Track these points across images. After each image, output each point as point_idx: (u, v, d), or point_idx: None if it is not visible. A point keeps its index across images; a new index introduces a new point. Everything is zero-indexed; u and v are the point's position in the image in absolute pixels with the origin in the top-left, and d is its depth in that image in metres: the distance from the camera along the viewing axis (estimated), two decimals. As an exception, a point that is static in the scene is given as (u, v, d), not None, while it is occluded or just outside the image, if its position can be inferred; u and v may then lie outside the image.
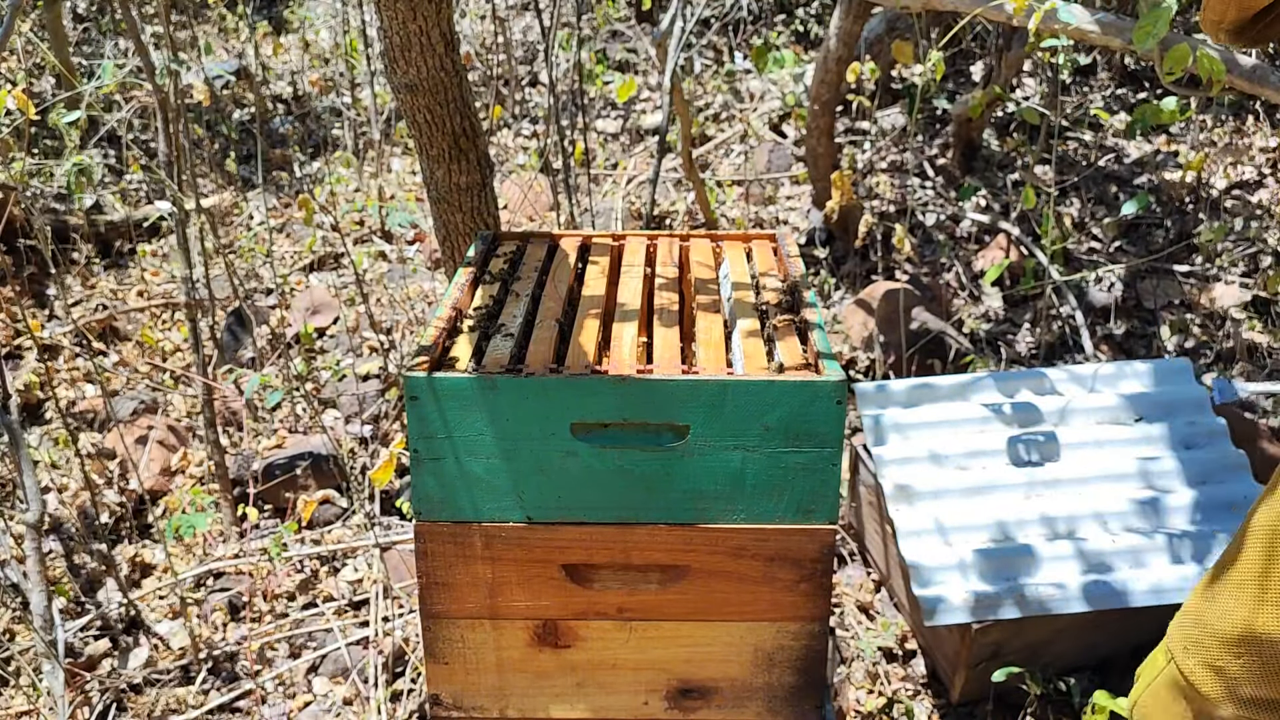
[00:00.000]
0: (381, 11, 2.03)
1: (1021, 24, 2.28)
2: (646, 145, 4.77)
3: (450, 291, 1.57)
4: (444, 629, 1.45)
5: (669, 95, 3.45)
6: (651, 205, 3.50)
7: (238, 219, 4.44)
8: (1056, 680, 2.19)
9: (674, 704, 1.49)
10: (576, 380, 1.32)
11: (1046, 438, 2.37)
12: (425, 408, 1.33)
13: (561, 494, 1.37)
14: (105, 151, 4.61)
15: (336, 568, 2.78)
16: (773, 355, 1.41)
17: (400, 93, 2.13)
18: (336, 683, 2.44)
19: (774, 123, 4.80)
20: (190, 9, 5.68)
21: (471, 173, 2.24)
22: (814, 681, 1.47)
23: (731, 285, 1.64)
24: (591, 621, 1.44)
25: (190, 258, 2.78)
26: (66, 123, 3.43)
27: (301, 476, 2.99)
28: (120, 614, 2.62)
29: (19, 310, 3.48)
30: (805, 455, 1.34)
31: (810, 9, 5.45)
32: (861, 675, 2.40)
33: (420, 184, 4.32)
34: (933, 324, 3.32)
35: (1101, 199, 4.03)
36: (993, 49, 4.08)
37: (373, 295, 3.83)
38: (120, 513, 2.96)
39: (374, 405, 3.28)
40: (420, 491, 1.37)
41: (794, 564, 1.39)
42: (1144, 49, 1.93)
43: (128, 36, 5.44)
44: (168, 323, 3.85)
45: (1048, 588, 2.12)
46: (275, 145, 4.96)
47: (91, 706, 2.36)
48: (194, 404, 3.40)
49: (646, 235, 1.84)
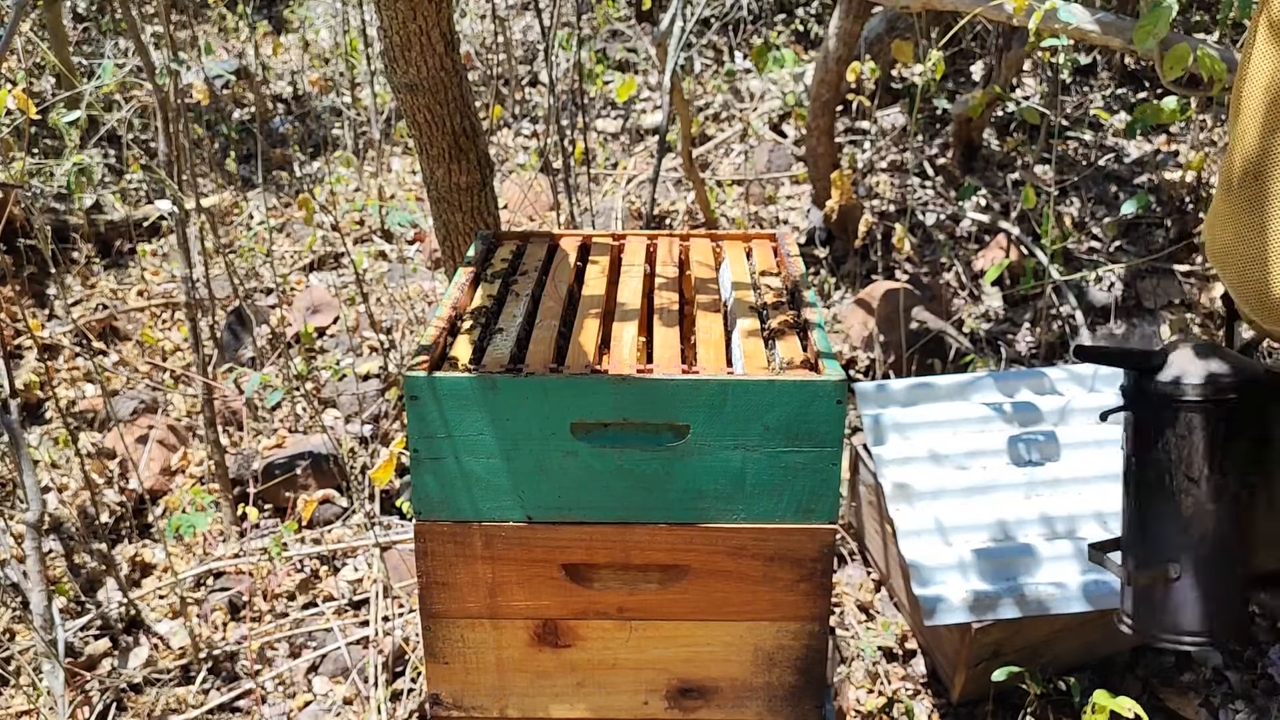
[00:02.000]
0: (381, 11, 2.03)
1: (1021, 24, 2.28)
2: (646, 145, 4.77)
3: (450, 291, 1.57)
4: (444, 629, 1.45)
5: (669, 95, 3.45)
6: (651, 205, 3.50)
7: (238, 219, 4.44)
8: (1056, 680, 2.19)
9: (674, 704, 1.49)
10: (576, 380, 1.32)
11: (1046, 437, 2.37)
12: (425, 407, 1.33)
13: (561, 494, 1.37)
14: (105, 151, 4.61)
15: (336, 567, 2.78)
16: (773, 355, 1.41)
17: (400, 93, 2.13)
18: (336, 682, 2.44)
19: (774, 123, 4.80)
20: (190, 9, 5.68)
21: (471, 173, 2.24)
22: (814, 681, 1.47)
23: (731, 285, 1.64)
24: (591, 621, 1.44)
25: (190, 257, 2.78)
26: (66, 122, 3.43)
27: (301, 476, 2.99)
28: (120, 614, 2.62)
29: (19, 310, 3.48)
30: (805, 455, 1.34)
31: (810, 9, 5.45)
32: (861, 675, 2.40)
33: (420, 184, 4.32)
34: (933, 324, 3.32)
35: (1101, 199, 4.03)
36: (993, 49, 4.08)
37: (373, 295, 3.83)
38: (120, 512, 2.96)
39: (374, 405, 3.28)
40: (420, 491, 1.37)
41: (794, 563, 1.39)
42: (1144, 49, 1.93)
43: (128, 36, 5.44)
44: (168, 322, 3.85)
45: (1048, 588, 2.12)
46: (275, 145, 4.96)
47: (91, 706, 2.36)
48: (194, 404, 3.40)
49: (646, 235, 1.84)
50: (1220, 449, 1.28)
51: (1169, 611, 1.34)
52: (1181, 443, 1.29)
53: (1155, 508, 1.33)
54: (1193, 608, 1.33)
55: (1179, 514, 1.31)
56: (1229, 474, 1.29)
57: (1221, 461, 1.29)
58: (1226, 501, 1.29)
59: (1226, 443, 1.28)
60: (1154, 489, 1.32)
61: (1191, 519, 1.31)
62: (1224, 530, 1.30)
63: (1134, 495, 1.36)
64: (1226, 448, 1.29)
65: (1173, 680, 2.36)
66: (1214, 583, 1.32)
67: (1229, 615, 1.34)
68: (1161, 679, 2.36)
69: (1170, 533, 1.32)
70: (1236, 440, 1.29)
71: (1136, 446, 1.34)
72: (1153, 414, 1.31)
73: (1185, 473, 1.30)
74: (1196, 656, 2.41)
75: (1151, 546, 1.35)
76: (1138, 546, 1.37)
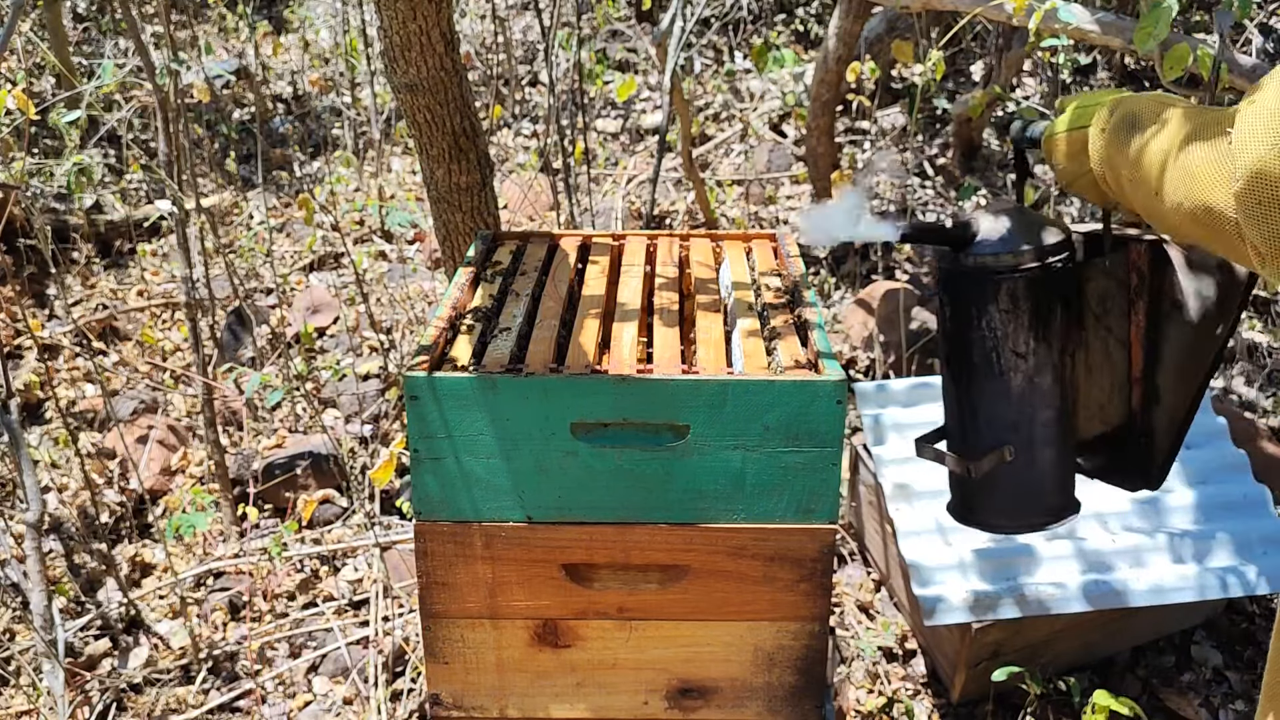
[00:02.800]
0: (381, 11, 2.03)
1: (1021, 23, 2.28)
2: (646, 145, 4.77)
3: (450, 291, 1.57)
4: (444, 629, 1.45)
5: (669, 95, 3.45)
6: (651, 205, 3.50)
7: (238, 219, 4.44)
8: (1056, 680, 2.19)
9: (674, 704, 1.49)
10: (576, 380, 1.32)
11: (1046, 437, 2.37)
12: (425, 407, 1.33)
13: (561, 494, 1.37)
14: (105, 151, 4.61)
15: (336, 567, 2.78)
16: (773, 355, 1.41)
17: (400, 93, 2.13)
18: (336, 682, 2.44)
19: (774, 123, 4.80)
20: (190, 9, 5.68)
21: (471, 173, 2.24)
22: (814, 681, 1.47)
23: (731, 285, 1.64)
24: (591, 621, 1.44)
25: (190, 257, 2.78)
26: (66, 122, 3.43)
27: (301, 476, 2.99)
28: (120, 614, 2.62)
29: (19, 310, 3.48)
30: (805, 455, 1.34)
31: (810, 9, 5.45)
32: (861, 675, 2.40)
33: (420, 184, 4.32)
34: (933, 324, 3.33)
35: (1101, 199, 4.03)
36: (993, 49, 4.08)
37: (373, 295, 3.83)
38: (120, 512, 2.96)
39: (374, 405, 3.28)
40: (420, 491, 1.37)
41: (794, 563, 1.39)
42: (1144, 49, 1.93)
43: (128, 36, 5.44)
44: (168, 322, 3.85)
45: (1048, 588, 2.12)
46: (275, 145, 4.96)
47: (91, 706, 2.37)
48: (194, 404, 3.40)
49: (646, 235, 1.84)
50: (1043, 319, 1.23)
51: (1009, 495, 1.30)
52: (1005, 317, 1.23)
53: (983, 387, 1.27)
54: (1034, 487, 1.29)
55: (1009, 392, 1.25)
56: (1053, 344, 1.24)
57: (1045, 332, 1.24)
58: (1053, 372, 1.25)
59: (1049, 312, 1.23)
60: (980, 369, 1.26)
61: (1023, 395, 1.25)
62: (1055, 403, 1.26)
63: (959, 380, 1.30)
64: (1048, 317, 1.23)
65: (1173, 680, 2.36)
66: (1052, 458, 1.28)
67: (1069, 490, 1.32)
68: (1161, 679, 2.36)
69: (1002, 413, 1.27)
70: (1056, 308, 1.24)
71: (957, 328, 1.28)
72: (974, 289, 1.24)
73: (1011, 348, 1.24)
74: (1196, 656, 2.41)
75: (983, 430, 1.28)
76: (970, 433, 1.30)
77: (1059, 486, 1.32)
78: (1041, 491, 1.31)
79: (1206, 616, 2.47)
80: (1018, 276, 1.21)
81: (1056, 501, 1.32)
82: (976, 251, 1.24)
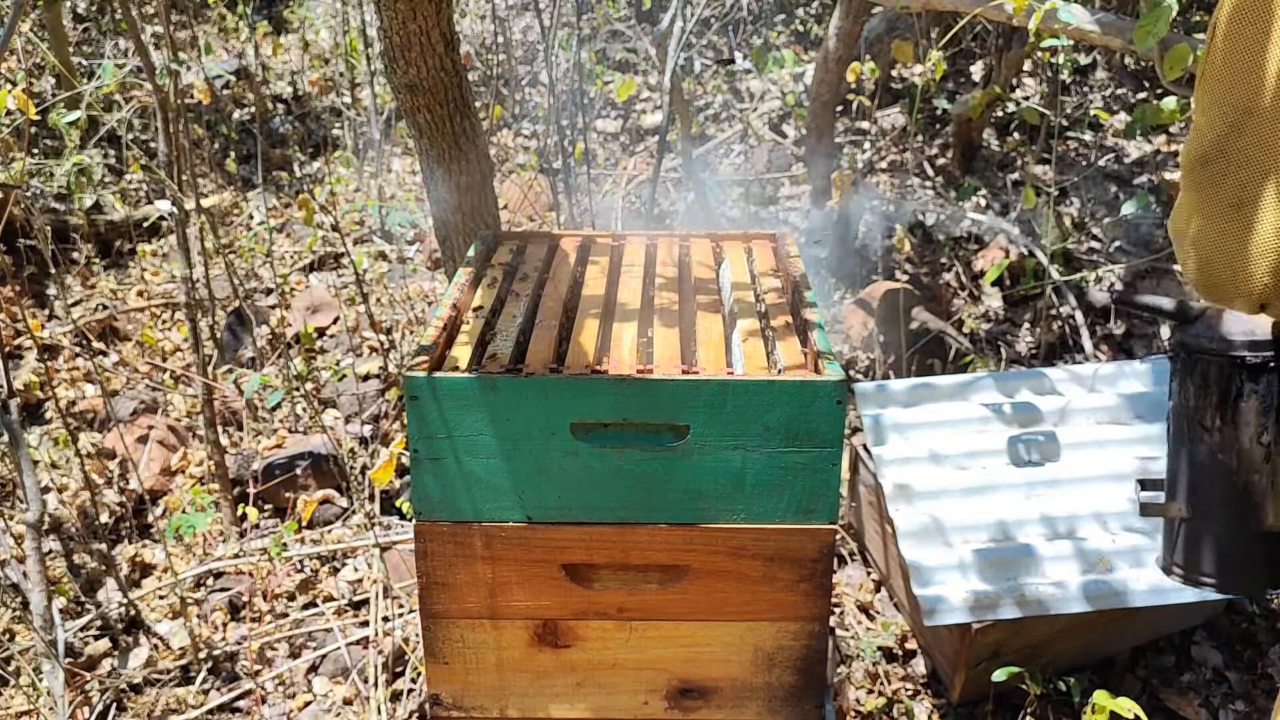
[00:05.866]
0: (381, 11, 2.03)
1: (1021, 24, 2.28)
2: (646, 145, 4.77)
3: (450, 291, 1.57)
4: (444, 629, 1.45)
5: (669, 95, 3.45)
6: (651, 205, 3.50)
7: (238, 219, 4.44)
8: (1056, 680, 2.19)
9: (674, 704, 1.49)
10: (576, 380, 1.32)
11: (1046, 438, 2.37)
12: (425, 408, 1.33)
13: (561, 494, 1.37)
14: (105, 151, 4.61)
15: (336, 568, 2.78)
16: (773, 355, 1.41)
17: (400, 93, 2.13)
18: (336, 683, 2.44)
19: (774, 123, 4.80)
20: (190, 9, 5.68)
21: (471, 173, 2.24)
22: (814, 681, 1.47)
23: (731, 285, 1.64)
24: (591, 621, 1.44)
25: (190, 258, 2.78)
26: (66, 123, 3.43)
27: (301, 476, 2.99)
28: (120, 614, 2.62)
29: (19, 310, 3.48)
30: (805, 455, 1.34)
31: (810, 9, 5.45)
32: (861, 675, 2.40)
33: (420, 184, 4.32)
34: (933, 324, 3.32)
35: (1101, 199, 4.03)
36: (993, 49, 4.08)
37: (373, 295, 3.83)
38: (120, 513, 2.96)
39: (374, 405, 3.28)
40: (420, 491, 1.37)
41: (794, 564, 1.39)
42: (1144, 49, 1.93)
43: (128, 36, 5.44)
44: (168, 323, 3.85)
45: (1048, 588, 2.12)
46: (275, 145, 4.96)
47: (91, 706, 2.37)
48: (194, 404, 3.40)
49: (646, 235, 1.84)
50: (1231, 404, 1.34)
51: (1184, 550, 1.42)
52: (1198, 392, 1.37)
53: (1176, 449, 1.42)
54: (1203, 551, 1.40)
55: (1193, 459, 1.39)
56: (1240, 428, 1.34)
57: (1232, 415, 1.34)
58: (1236, 454, 1.35)
59: (1238, 399, 1.34)
60: (1176, 433, 1.41)
61: (1203, 466, 1.37)
62: (1232, 480, 1.36)
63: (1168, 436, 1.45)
64: (1237, 403, 1.34)
65: (1173, 680, 2.36)
66: (1221, 530, 1.38)
67: (1239, 567, 1.40)
68: (1161, 679, 2.36)
69: (1184, 475, 1.40)
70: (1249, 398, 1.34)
71: (1170, 391, 1.44)
72: (1180, 362, 1.40)
73: (1199, 420, 1.36)
74: (1196, 656, 2.41)
75: (1171, 484, 1.44)
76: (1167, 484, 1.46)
77: (1229, 562, 1.40)
78: (1210, 558, 1.40)
79: (1206, 617, 2.47)
80: (1211, 359, 1.36)
81: (1222, 574, 1.40)
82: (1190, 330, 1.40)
